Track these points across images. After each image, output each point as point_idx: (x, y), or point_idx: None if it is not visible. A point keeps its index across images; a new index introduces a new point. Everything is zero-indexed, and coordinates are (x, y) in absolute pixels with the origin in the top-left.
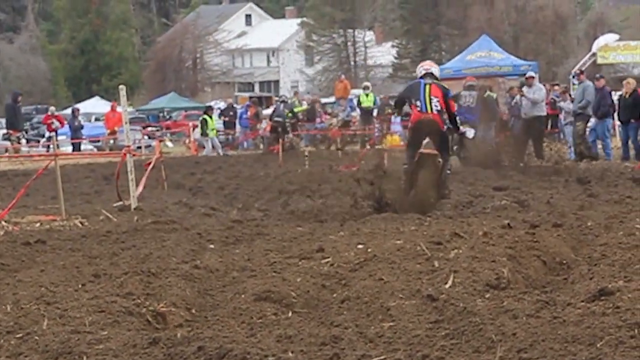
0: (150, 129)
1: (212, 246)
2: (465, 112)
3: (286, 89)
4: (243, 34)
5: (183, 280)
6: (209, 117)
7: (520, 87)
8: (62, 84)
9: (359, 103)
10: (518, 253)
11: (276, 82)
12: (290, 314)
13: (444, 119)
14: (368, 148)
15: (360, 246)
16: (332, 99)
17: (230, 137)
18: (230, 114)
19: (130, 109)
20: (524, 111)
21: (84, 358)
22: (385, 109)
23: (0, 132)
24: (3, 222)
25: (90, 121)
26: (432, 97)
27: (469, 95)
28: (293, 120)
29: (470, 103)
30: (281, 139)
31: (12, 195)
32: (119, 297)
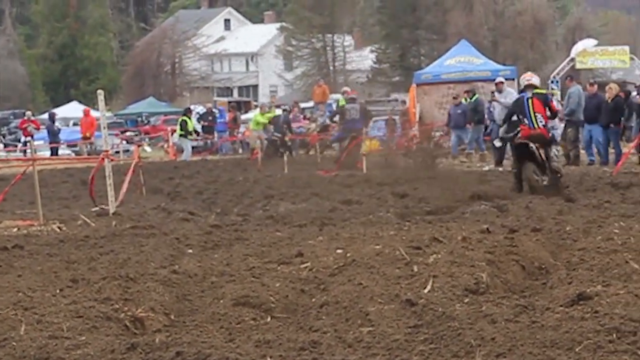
0: (128, 133)
1: (191, 251)
2: (351, 124)
3: (265, 93)
4: (222, 38)
5: (161, 285)
6: (189, 119)
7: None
8: (40, 88)
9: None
10: (497, 258)
11: (255, 87)
12: (269, 319)
13: (548, 128)
14: (347, 152)
15: (339, 251)
16: (311, 103)
17: (209, 142)
18: (209, 118)
19: (108, 114)
20: (497, 117)
21: None
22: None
23: None
24: None
25: (68, 126)
26: (537, 114)
27: (352, 108)
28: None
29: (354, 115)
30: (280, 153)
31: None
32: (97, 303)
